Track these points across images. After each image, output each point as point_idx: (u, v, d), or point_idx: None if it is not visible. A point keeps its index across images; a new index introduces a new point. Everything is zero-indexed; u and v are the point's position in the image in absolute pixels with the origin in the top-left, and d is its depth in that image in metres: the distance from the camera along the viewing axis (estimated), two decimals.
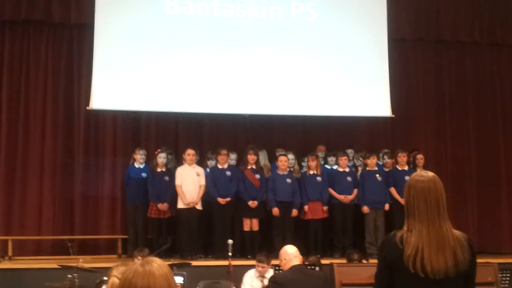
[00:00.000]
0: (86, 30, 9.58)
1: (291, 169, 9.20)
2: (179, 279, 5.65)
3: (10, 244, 8.79)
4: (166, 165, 8.97)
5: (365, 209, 9.05)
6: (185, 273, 5.92)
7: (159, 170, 8.89)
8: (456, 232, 2.84)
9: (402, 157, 9.29)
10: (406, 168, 9.22)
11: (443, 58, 10.94)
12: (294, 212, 8.89)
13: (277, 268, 6.27)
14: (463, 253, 2.78)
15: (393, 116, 9.98)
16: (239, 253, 8.54)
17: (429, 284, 2.75)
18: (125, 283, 2.05)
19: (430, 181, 2.86)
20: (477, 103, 10.92)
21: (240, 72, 9.56)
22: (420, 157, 9.42)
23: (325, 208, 9.02)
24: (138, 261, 2.15)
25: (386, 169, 9.48)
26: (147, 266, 2.08)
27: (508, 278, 7.30)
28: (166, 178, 8.87)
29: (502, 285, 6.72)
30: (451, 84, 10.91)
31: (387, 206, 9.07)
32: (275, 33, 9.74)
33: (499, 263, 6.37)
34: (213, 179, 8.80)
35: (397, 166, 9.32)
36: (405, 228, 2.85)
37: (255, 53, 9.64)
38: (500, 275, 6.35)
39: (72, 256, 8.62)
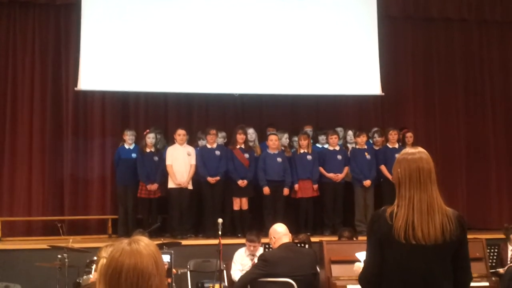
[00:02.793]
0: (72, 10, 9.48)
1: (283, 148, 9.22)
2: (166, 258, 5.65)
3: None
4: (155, 145, 8.95)
5: (368, 182, 9.08)
6: (172, 251, 5.92)
7: (148, 150, 8.87)
8: (447, 208, 2.88)
9: (393, 135, 9.31)
10: (396, 146, 9.24)
11: (432, 36, 10.90)
12: (286, 191, 8.91)
13: (267, 246, 6.31)
14: (449, 223, 2.81)
15: (383, 94, 9.98)
16: (229, 232, 8.58)
17: (420, 251, 2.79)
18: (112, 262, 2.04)
19: (421, 153, 2.93)
20: (466, 80, 10.92)
21: (230, 52, 9.51)
22: (409, 135, 9.46)
23: (315, 186, 9.04)
24: (125, 240, 2.14)
25: (376, 147, 9.50)
26: (134, 245, 2.06)
27: (495, 253, 7.39)
28: (156, 158, 8.86)
29: (490, 260, 6.80)
30: (440, 61, 10.89)
31: (367, 182, 9.08)
32: (264, 12, 9.67)
33: (487, 239, 6.46)
34: (202, 158, 8.80)
35: (388, 144, 9.35)
36: (395, 204, 2.88)
37: (244, 32, 9.57)
38: (488, 250, 6.44)
39: (62, 237, 8.61)
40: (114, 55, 9.22)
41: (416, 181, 2.84)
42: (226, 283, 7.02)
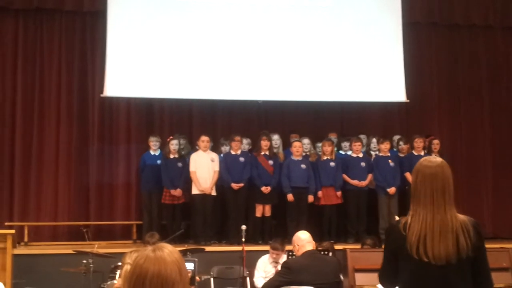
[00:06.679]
0: (99, 17, 9.58)
1: (308, 153, 9.19)
2: (190, 266, 5.65)
3: (26, 230, 8.89)
4: (179, 151, 8.99)
5: (392, 190, 9.03)
6: (196, 259, 5.93)
7: (171, 156, 8.91)
8: (462, 217, 2.83)
9: (419, 143, 9.25)
10: (422, 153, 9.16)
11: (457, 42, 10.82)
12: (310, 198, 8.87)
13: (290, 253, 6.29)
14: (468, 239, 2.77)
15: (408, 101, 9.92)
16: (253, 238, 8.57)
17: (432, 270, 2.77)
18: (136, 268, 2.06)
19: (438, 167, 2.86)
20: (491, 87, 10.81)
21: (253, 58, 9.54)
22: (436, 142, 9.40)
23: (339, 193, 9.00)
24: (149, 247, 2.16)
25: (402, 155, 9.44)
26: (158, 252, 2.08)
27: None
28: (179, 164, 8.90)
29: None
30: (465, 68, 10.80)
31: (392, 190, 9.02)
32: (288, 18, 9.69)
33: None
34: (227, 165, 8.82)
35: (413, 152, 9.28)
36: (409, 214, 2.86)
37: (268, 39, 9.59)
38: None
39: (87, 242, 8.67)
40: (140, 62, 9.30)
41: (430, 200, 2.80)
42: None
